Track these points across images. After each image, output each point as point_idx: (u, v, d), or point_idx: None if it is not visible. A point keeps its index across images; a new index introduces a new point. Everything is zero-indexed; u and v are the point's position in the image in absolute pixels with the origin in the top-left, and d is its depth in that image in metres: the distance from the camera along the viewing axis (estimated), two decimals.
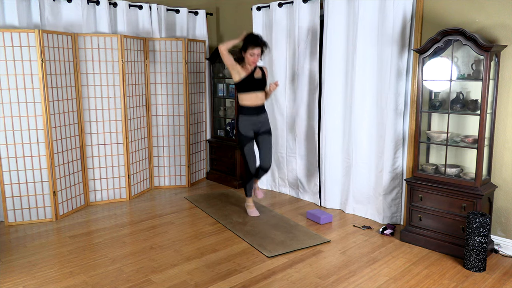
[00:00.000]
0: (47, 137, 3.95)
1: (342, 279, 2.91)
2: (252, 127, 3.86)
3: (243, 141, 3.86)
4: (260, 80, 3.84)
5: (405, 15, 3.59)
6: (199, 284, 2.85)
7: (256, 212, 4.13)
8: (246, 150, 3.88)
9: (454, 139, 3.39)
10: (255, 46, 3.70)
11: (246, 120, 3.83)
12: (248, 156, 3.90)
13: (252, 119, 3.84)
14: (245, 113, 3.84)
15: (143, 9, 4.89)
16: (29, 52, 3.82)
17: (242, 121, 3.86)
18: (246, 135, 3.86)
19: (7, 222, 3.96)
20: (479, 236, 2.92)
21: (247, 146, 3.87)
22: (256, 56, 3.72)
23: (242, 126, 3.86)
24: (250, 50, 3.70)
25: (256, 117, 3.85)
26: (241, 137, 3.87)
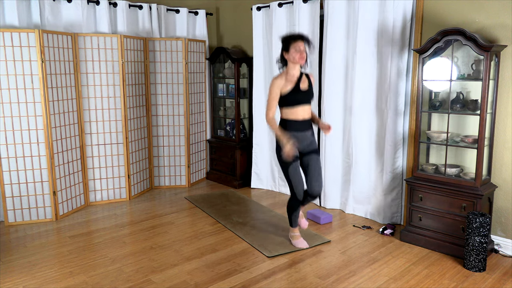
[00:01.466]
0: (47, 137, 3.95)
1: (342, 279, 2.91)
2: (297, 145, 3.17)
3: (287, 162, 3.15)
4: (307, 92, 3.19)
5: (405, 15, 3.59)
6: (199, 284, 2.85)
7: (305, 242, 3.44)
8: (291, 172, 3.17)
9: (454, 139, 3.39)
10: (298, 39, 3.08)
11: (290, 136, 3.12)
12: (294, 178, 3.19)
13: (298, 136, 3.16)
14: (289, 128, 3.16)
15: (143, 9, 4.89)
16: (29, 52, 3.82)
17: None
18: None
19: (7, 222, 3.96)
20: (479, 236, 2.92)
21: (292, 166, 3.16)
22: (304, 52, 3.08)
23: None
24: (293, 45, 3.07)
25: (302, 133, 3.18)
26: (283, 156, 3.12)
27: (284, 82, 3.12)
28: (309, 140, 3.24)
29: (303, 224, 3.54)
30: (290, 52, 3.09)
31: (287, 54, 3.12)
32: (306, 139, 3.22)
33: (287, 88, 3.11)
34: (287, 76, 3.15)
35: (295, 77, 3.15)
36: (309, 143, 3.24)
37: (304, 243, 3.44)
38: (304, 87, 3.17)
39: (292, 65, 3.13)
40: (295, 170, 3.19)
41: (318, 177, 3.25)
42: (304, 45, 3.10)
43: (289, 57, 3.10)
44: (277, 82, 3.12)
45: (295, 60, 3.08)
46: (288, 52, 3.10)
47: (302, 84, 3.16)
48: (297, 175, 3.20)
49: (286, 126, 3.18)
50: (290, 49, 3.08)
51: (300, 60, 3.09)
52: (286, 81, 3.13)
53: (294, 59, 3.08)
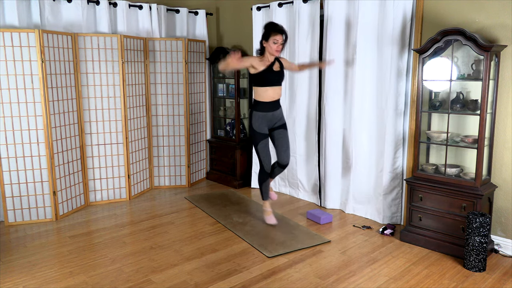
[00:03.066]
0: (47, 137, 3.95)
1: (342, 279, 2.91)
2: (267, 123, 3.61)
3: (257, 138, 3.61)
4: (279, 73, 3.57)
5: (405, 15, 3.59)
6: (199, 284, 2.85)
7: (274, 219, 3.85)
8: (260, 148, 3.63)
9: (454, 139, 3.39)
10: (278, 33, 3.42)
11: (261, 116, 3.56)
12: (263, 153, 3.64)
13: (268, 115, 3.59)
14: (260, 109, 3.57)
15: (143, 9, 4.89)
16: (29, 52, 3.82)
17: (256, 117, 3.60)
18: (260, 131, 3.60)
19: (7, 222, 3.96)
20: (479, 236, 2.92)
21: (261, 143, 3.62)
22: (280, 45, 3.44)
23: (256, 122, 3.61)
24: (273, 37, 3.41)
25: (272, 113, 3.60)
26: (255, 134, 3.62)
27: (258, 61, 3.50)
28: (278, 118, 3.67)
29: (273, 196, 4.03)
30: (269, 42, 3.44)
31: (266, 43, 3.48)
32: (275, 118, 3.65)
33: (260, 67, 3.48)
34: (263, 59, 3.53)
35: (269, 62, 3.54)
36: (278, 120, 3.67)
37: (273, 220, 3.85)
38: (277, 68, 3.56)
39: (269, 54, 3.51)
40: (264, 146, 3.64)
41: (286, 149, 3.71)
42: (282, 39, 3.45)
43: (267, 46, 3.47)
44: (252, 57, 3.55)
45: (272, 51, 3.46)
46: (267, 42, 3.46)
47: (274, 67, 3.55)
48: (265, 151, 3.65)
49: (258, 106, 3.59)
50: (269, 40, 3.43)
51: (276, 52, 3.47)
52: (261, 62, 3.51)
53: (271, 50, 3.46)
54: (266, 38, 3.45)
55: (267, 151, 3.66)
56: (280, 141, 3.68)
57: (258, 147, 3.64)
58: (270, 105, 3.58)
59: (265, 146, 3.64)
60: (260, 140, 3.62)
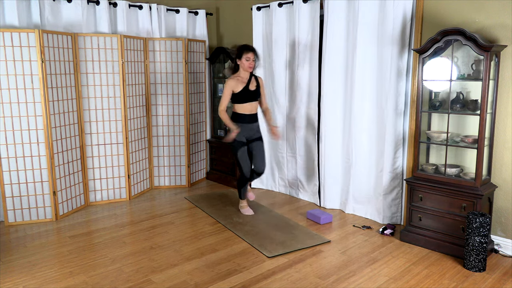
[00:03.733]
0: (47, 137, 3.95)
1: (342, 279, 2.91)
2: (245, 134, 3.97)
3: (237, 147, 3.98)
4: (255, 91, 3.96)
5: (405, 15, 3.59)
6: (199, 284, 2.85)
7: (250, 210, 4.23)
8: (240, 155, 3.99)
9: (454, 139, 3.39)
10: (249, 51, 3.85)
11: (240, 127, 3.93)
12: (242, 160, 4.01)
13: (246, 127, 3.96)
14: (239, 121, 3.96)
15: (143, 9, 4.89)
16: (29, 52, 3.82)
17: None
18: (239, 140, 3.95)
19: (7, 222, 3.96)
20: (479, 236, 2.92)
21: (240, 151, 3.98)
22: (252, 61, 3.85)
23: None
24: (245, 55, 3.83)
25: (250, 125, 3.98)
26: (234, 143, 3.97)
27: (236, 83, 3.89)
28: (255, 130, 4.06)
29: (251, 197, 4.33)
30: (242, 60, 3.86)
31: (239, 61, 3.88)
32: (253, 129, 4.03)
33: (239, 88, 3.89)
34: (239, 78, 3.92)
35: (245, 79, 3.93)
36: (255, 132, 4.05)
37: (250, 211, 4.23)
38: (252, 88, 3.95)
39: (243, 71, 3.92)
40: (243, 154, 4.01)
41: (262, 158, 4.11)
42: (254, 56, 3.87)
43: (241, 63, 3.88)
44: (230, 83, 3.89)
45: (245, 68, 3.88)
46: (240, 60, 3.87)
47: (251, 85, 3.94)
48: (244, 158, 4.02)
49: (237, 118, 3.97)
50: (243, 57, 3.85)
51: (249, 68, 3.88)
52: (238, 82, 3.90)
53: (244, 66, 3.87)
54: (240, 57, 3.86)
55: (245, 158, 4.03)
56: (257, 151, 4.07)
57: (237, 155, 4.00)
58: (248, 117, 3.98)
59: (243, 154, 4.01)
60: (239, 148, 3.98)
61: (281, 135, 4.58)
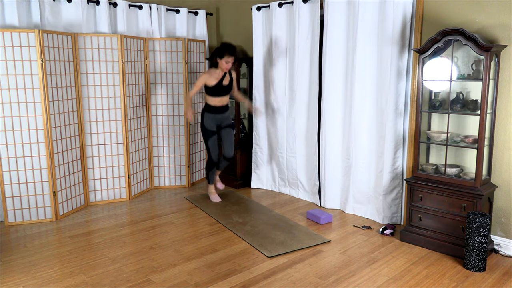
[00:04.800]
0: (47, 137, 3.95)
1: (342, 279, 2.91)
2: (215, 122, 4.34)
3: (207, 135, 4.35)
4: (227, 86, 4.28)
5: (405, 15, 3.59)
6: (199, 284, 2.85)
7: (218, 198, 4.60)
8: (210, 142, 4.37)
9: (454, 139, 3.39)
10: (231, 56, 4.11)
11: (211, 117, 4.30)
12: (211, 147, 4.38)
13: (217, 117, 4.33)
14: (210, 111, 4.30)
15: (143, 9, 4.89)
16: (29, 52, 3.82)
17: (207, 118, 4.32)
18: (210, 129, 4.33)
19: (7, 222, 3.96)
20: (479, 236, 2.92)
21: (210, 139, 4.35)
22: (230, 64, 4.15)
23: (207, 122, 4.32)
24: (226, 58, 4.10)
25: (220, 115, 4.35)
26: (205, 131, 4.34)
27: (210, 76, 4.18)
28: (225, 118, 4.40)
29: (220, 186, 4.75)
30: (222, 61, 4.13)
31: (220, 60, 4.14)
32: (223, 118, 4.38)
33: (212, 82, 4.18)
34: (214, 74, 4.20)
35: (220, 75, 4.21)
36: (225, 120, 4.40)
37: (218, 198, 4.61)
38: (226, 83, 4.25)
39: (220, 69, 4.20)
40: (213, 141, 4.39)
41: (231, 144, 4.46)
42: (233, 59, 4.14)
43: (220, 63, 4.15)
44: (204, 75, 4.20)
45: (223, 68, 4.18)
46: (221, 59, 4.12)
47: (225, 80, 4.23)
48: (213, 145, 4.40)
49: (209, 109, 4.30)
50: (223, 59, 4.11)
51: (226, 69, 4.19)
52: (211, 76, 4.18)
53: (222, 67, 4.17)
54: (221, 57, 4.11)
55: (215, 144, 4.41)
56: (226, 138, 4.43)
57: (208, 141, 4.38)
58: (218, 108, 4.31)
59: (214, 141, 4.39)
60: (209, 136, 4.35)
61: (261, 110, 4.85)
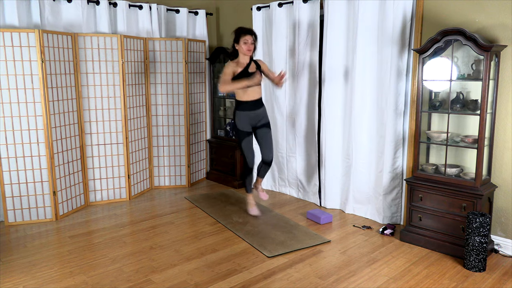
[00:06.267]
0: (47, 137, 3.95)
1: (342, 279, 2.91)
2: (249, 122, 3.83)
3: (241, 136, 3.86)
4: (254, 74, 3.73)
5: (405, 15, 3.59)
6: (199, 284, 2.85)
7: (257, 210, 4.10)
8: (244, 145, 3.87)
9: (454, 139, 3.39)
10: (247, 33, 3.69)
11: (244, 115, 3.79)
12: (246, 150, 3.89)
13: (250, 114, 3.81)
14: (242, 108, 3.81)
15: (143, 9, 4.89)
16: (29, 52, 3.82)
17: (239, 116, 3.83)
18: (243, 130, 3.84)
19: (7, 222, 3.96)
20: (479, 236, 2.92)
21: (245, 140, 3.86)
22: (250, 44, 3.67)
23: (239, 121, 3.83)
24: (242, 38, 3.68)
25: (254, 112, 3.81)
26: (238, 132, 3.86)
27: (235, 65, 3.73)
28: (261, 116, 3.88)
29: (263, 196, 4.17)
30: (240, 44, 3.69)
31: (237, 46, 3.73)
32: (258, 116, 3.85)
33: (238, 70, 3.70)
34: (238, 63, 3.76)
35: (244, 63, 3.76)
36: (261, 119, 3.88)
37: (256, 211, 4.11)
38: (252, 70, 3.75)
39: (242, 55, 3.74)
40: (248, 144, 3.89)
41: (270, 147, 3.94)
42: (252, 39, 3.69)
43: (239, 48, 3.71)
44: (229, 64, 3.75)
45: (243, 51, 3.70)
46: (238, 44, 3.71)
47: (250, 67, 3.76)
48: (248, 147, 3.89)
49: (240, 106, 3.81)
50: (240, 41, 3.68)
51: (247, 52, 3.70)
52: (237, 65, 3.73)
53: (242, 50, 3.70)
54: (237, 41, 3.71)
55: (250, 147, 3.91)
56: (264, 139, 3.91)
57: (242, 144, 3.89)
58: (251, 104, 3.79)
59: (249, 143, 3.89)
60: (243, 138, 3.86)
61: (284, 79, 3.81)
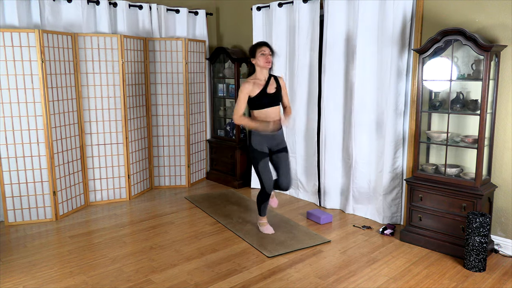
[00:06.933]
0: (47, 137, 3.95)
1: (342, 279, 2.91)
2: (266, 143, 3.47)
3: (258, 158, 3.45)
4: (275, 94, 3.43)
5: (405, 15, 3.59)
6: (199, 284, 2.85)
7: (271, 229, 3.73)
8: (261, 167, 3.46)
9: (454, 139, 3.39)
10: (263, 45, 3.39)
11: (261, 136, 3.43)
12: (264, 174, 3.47)
13: (268, 136, 3.45)
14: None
15: (143, 9, 4.89)
16: (29, 52, 3.82)
17: (255, 137, 3.45)
18: (261, 150, 3.45)
19: (7, 222, 3.96)
20: (479, 236, 2.92)
21: (262, 162, 3.45)
22: (268, 55, 3.35)
23: (256, 142, 3.45)
24: (259, 50, 3.35)
25: (271, 134, 3.45)
26: (254, 153, 3.46)
27: (252, 86, 3.37)
28: (280, 139, 3.52)
29: (274, 203, 3.85)
30: (256, 57, 3.37)
31: (254, 60, 3.39)
32: (276, 139, 3.50)
33: (255, 91, 3.36)
34: (255, 80, 3.41)
35: (262, 80, 3.42)
36: (279, 142, 3.52)
37: (270, 229, 3.72)
38: (271, 91, 3.42)
39: (260, 69, 3.40)
40: (265, 167, 3.48)
41: (287, 174, 3.57)
42: (269, 50, 3.38)
43: (256, 61, 3.38)
44: (246, 86, 3.37)
45: (262, 64, 3.36)
46: (255, 57, 3.38)
47: (269, 87, 3.41)
48: (266, 171, 3.48)
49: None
50: (257, 54, 3.36)
51: (266, 64, 3.36)
52: (254, 85, 3.37)
53: (260, 63, 3.36)
54: (253, 55, 3.39)
55: (268, 170, 3.49)
56: (283, 165, 3.53)
57: (258, 167, 3.46)
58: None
59: (266, 166, 3.48)
60: (260, 160, 3.45)
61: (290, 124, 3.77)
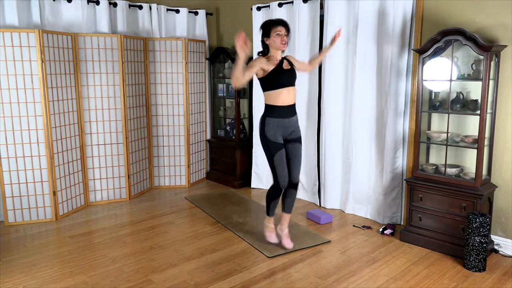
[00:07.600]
0: (47, 137, 3.95)
1: (342, 279, 2.91)
2: (281, 132, 3.11)
3: (273, 149, 3.09)
4: (290, 71, 3.10)
5: (405, 15, 3.59)
6: (199, 284, 2.85)
7: (275, 238, 3.42)
8: (277, 160, 3.09)
9: (454, 139, 3.39)
10: (279, 24, 3.02)
11: (275, 123, 3.07)
12: (279, 167, 3.11)
13: (283, 122, 3.09)
14: (275, 115, 3.07)
15: (143, 9, 4.89)
16: (29, 52, 3.82)
17: (270, 125, 3.09)
18: (276, 141, 3.10)
19: (7, 222, 3.96)
20: (479, 236, 2.92)
21: (277, 154, 3.09)
22: (284, 35, 3.01)
23: (270, 131, 3.09)
24: (274, 29, 3.00)
25: (288, 120, 3.11)
26: (269, 144, 3.10)
27: (266, 61, 3.04)
28: (294, 127, 3.18)
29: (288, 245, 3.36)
30: (271, 37, 3.02)
31: (268, 40, 3.05)
32: (291, 126, 3.15)
33: (269, 67, 3.02)
34: (270, 58, 3.08)
35: (277, 60, 3.09)
36: (294, 130, 3.18)
37: (275, 238, 3.42)
38: (286, 66, 3.11)
39: (274, 51, 3.07)
40: (281, 158, 3.12)
41: (299, 166, 3.24)
42: (285, 31, 3.03)
43: (271, 42, 3.03)
44: (258, 58, 3.06)
45: (277, 45, 3.02)
46: (269, 37, 3.03)
47: (284, 65, 3.11)
48: (282, 163, 3.13)
49: (271, 112, 3.08)
50: (271, 34, 3.01)
51: (282, 45, 3.02)
52: (268, 61, 3.05)
53: (275, 44, 3.02)
54: (268, 35, 3.04)
55: (284, 163, 3.13)
56: (295, 156, 3.20)
57: (274, 159, 3.10)
58: (286, 109, 3.08)
59: (282, 158, 3.12)
60: (276, 151, 3.09)
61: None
